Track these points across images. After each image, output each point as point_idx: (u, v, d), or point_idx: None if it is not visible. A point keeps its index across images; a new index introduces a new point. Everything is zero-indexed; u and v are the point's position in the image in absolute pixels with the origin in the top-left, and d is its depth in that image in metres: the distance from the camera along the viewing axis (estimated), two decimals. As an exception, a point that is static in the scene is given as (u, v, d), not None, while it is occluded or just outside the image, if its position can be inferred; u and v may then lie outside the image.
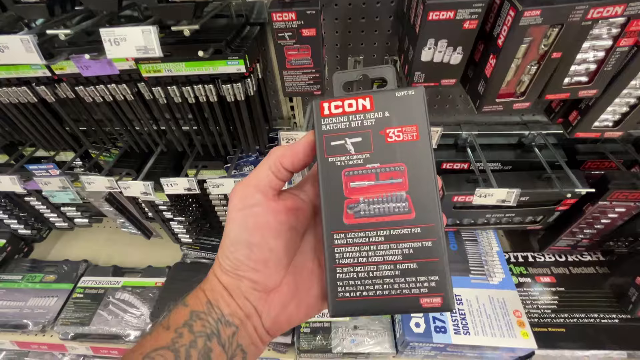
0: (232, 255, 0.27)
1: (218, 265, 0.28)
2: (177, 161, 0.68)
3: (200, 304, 0.27)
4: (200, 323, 0.26)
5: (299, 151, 0.26)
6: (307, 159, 0.27)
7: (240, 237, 0.27)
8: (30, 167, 0.60)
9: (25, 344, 0.87)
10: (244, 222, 0.27)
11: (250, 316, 0.27)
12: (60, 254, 1.02)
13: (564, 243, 0.74)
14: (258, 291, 0.28)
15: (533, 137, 0.67)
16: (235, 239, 0.27)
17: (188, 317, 0.26)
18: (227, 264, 0.27)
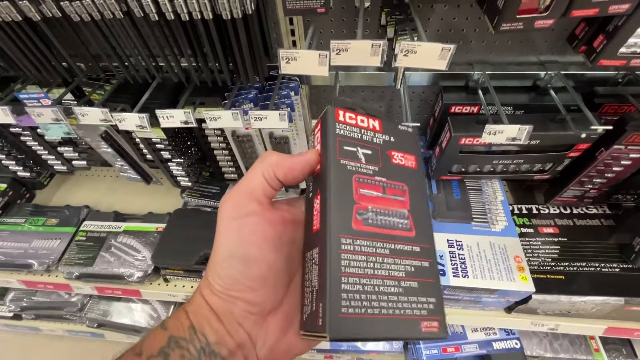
0: (225, 272, 0.23)
1: (206, 285, 0.24)
2: (174, 97, 0.65)
3: (181, 328, 0.23)
4: (179, 352, 0.22)
5: (295, 167, 0.24)
6: (301, 176, 0.25)
7: (234, 251, 0.23)
8: (21, 96, 0.57)
9: (32, 283, 0.89)
10: (239, 233, 0.23)
11: (243, 346, 0.24)
12: (62, 200, 1.02)
13: (570, 194, 0.72)
14: (254, 314, 0.24)
15: (549, 78, 0.63)
16: (229, 253, 0.23)
17: (165, 343, 0.23)
18: (218, 284, 0.23)
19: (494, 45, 0.64)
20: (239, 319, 0.24)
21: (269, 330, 0.24)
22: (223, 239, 0.24)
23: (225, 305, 0.23)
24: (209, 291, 0.24)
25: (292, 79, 0.66)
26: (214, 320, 0.23)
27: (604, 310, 0.67)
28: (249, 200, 0.24)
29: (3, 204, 0.95)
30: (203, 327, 0.23)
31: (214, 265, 0.24)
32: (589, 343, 0.89)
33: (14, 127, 0.77)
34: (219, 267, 0.23)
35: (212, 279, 0.24)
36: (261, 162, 0.25)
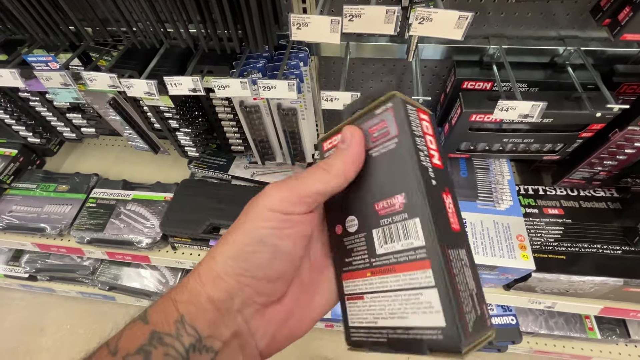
0: (247, 255, 0.21)
1: (209, 269, 0.22)
2: (181, 65, 0.64)
3: (166, 321, 0.21)
4: (163, 350, 0.20)
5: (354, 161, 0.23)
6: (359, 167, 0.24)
7: (267, 238, 0.21)
8: (30, 59, 0.57)
9: (46, 247, 0.93)
10: (279, 225, 0.22)
11: (239, 334, 0.22)
12: (71, 168, 1.04)
13: (579, 176, 0.72)
14: (257, 304, 0.23)
15: (568, 54, 0.61)
16: (259, 238, 0.21)
17: (146, 339, 0.20)
18: (230, 266, 0.21)
19: (513, 18, 0.61)
20: (240, 307, 0.22)
21: (271, 320, 0.23)
22: (256, 224, 0.22)
23: (230, 291, 0.21)
24: (213, 275, 0.22)
25: (302, 49, 0.65)
26: (210, 310, 0.21)
27: (602, 290, 0.68)
28: (300, 202, 0.22)
29: (14, 169, 0.97)
30: (196, 318, 0.21)
31: (232, 246, 0.22)
32: (584, 322, 0.91)
33: (22, 92, 0.77)
34: (241, 249, 0.21)
35: (224, 261, 0.22)
36: (326, 173, 0.23)
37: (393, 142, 0.23)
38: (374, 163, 0.24)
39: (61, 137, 0.91)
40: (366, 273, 0.23)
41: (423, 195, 0.21)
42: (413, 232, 0.21)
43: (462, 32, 0.39)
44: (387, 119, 0.23)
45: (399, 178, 0.22)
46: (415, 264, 0.20)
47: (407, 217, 0.21)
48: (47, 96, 0.74)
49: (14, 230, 0.91)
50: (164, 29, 0.57)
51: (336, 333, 1.27)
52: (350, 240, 0.24)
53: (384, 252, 0.22)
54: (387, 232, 0.22)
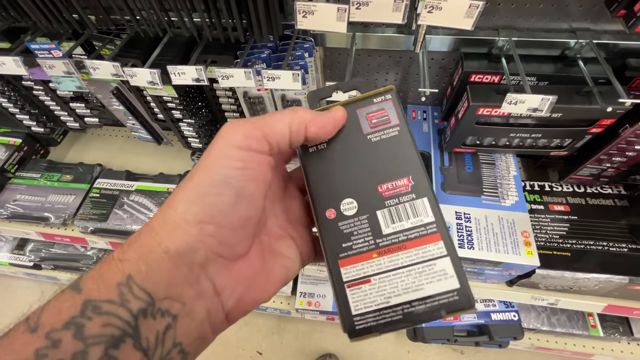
0: (210, 199, 0.19)
1: (164, 218, 0.19)
2: (184, 54, 0.63)
3: (106, 286, 0.17)
4: (100, 320, 0.16)
5: (327, 125, 0.23)
6: (329, 136, 0.24)
7: (231, 179, 0.19)
8: (32, 47, 0.57)
9: (50, 236, 0.93)
10: (243, 164, 0.20)
11: (203, 295, 0.19)
12: (75, 158, 1.04)
13: (586, 172, 0.71)
14: (223, 258, 0.20)
15: (580, 48, 0.60)
16: (223, 179, 0.19)
17: (78, 311, 0.16)
18: (192, 213, 0.19)
19: (524, 9, 0.60)
20: (204, 261, 0.19)
21: (239, 277, 0.21)
22: (219, 163, 0.20)
23: (190, 243, 0.18)
24: (170, 225, 0.19)
25: (307, 39, 0.64)
26: (166, 267, 0.18)
27: (606, 288, 0.67)
28: (263, 139, 0.21)
29: (19, 158, 0.97)
30: (147, 278, 0.17)
31: (194, 190, 0.19)
32: (587, 319, 0.91)
33: (26, 81, 0.77)
34: (203, 191, 0.19)
35: (185, 208, 0.19)
36: (293, 113, 0.22)
37: (395, 130, 0.25)
38: (373, 147, 0.25)
39: (65, 127, 0.91)
40: (372, 255, 0.23)
41: (427, 177, 0.24)
42: (422, 210, 0.23)
43: (472, 21, 0.38)
44: (387, 108, 0.26)
45: (403, 163, 0.24)
46: (427, 238, 0.23)
47: (415, 197, 0.24)
48: (50, 85, 0.74)
49: (19, 219, 0.91)
50: (167, 18, 0.57)
51: (337, 326, 1.27)
52: (348, 224, 0.24)
53: (391, 232, 0.23)
54: (394, 212, 0.24)
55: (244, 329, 1.28)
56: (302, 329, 1.29)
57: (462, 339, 0.90)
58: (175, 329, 0.18)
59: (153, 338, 0.17)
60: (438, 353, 1.21)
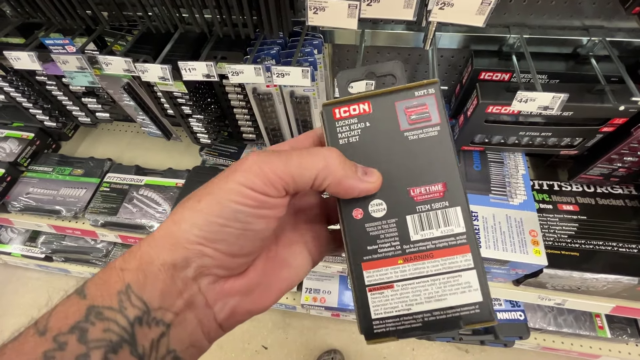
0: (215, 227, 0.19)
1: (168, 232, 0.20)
2: (195, 51, 0.64)
3: (107, 293, 0.18)
4: (102, 326, 0.17)
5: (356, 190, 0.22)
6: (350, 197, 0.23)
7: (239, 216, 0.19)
8: (47, 42, 0.58)
9: (61, 228, 0.95)
10: (255, 206, 0.20)
11: (194, 305, 0.20)
12: (86, 152, 1.06)
13: (597, 172, 0.70)
14: (218, 276, 0.21)
15: (592, 45, 0.59)
16: (232, 214, 0.19)
17: (82, 316, 0.17)
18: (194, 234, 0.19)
19: (536, 6, 0.59)
20: (196, 275, 0.20)
21: (232, 292, 0.21)
22: (231, 198, 0.19)
23: (186, 258, 0.19)
24: (172, 241, 0.19)
25: (316, 36, 0.64)
26: (162, 279, 0.19)
27: (615, 289, 0.67)
28: (282, 187, 0.20)
29: (31, 152, 0.99)
30: (144, 288, 0.18)
31: (201, 214, 0.19)
32: (594, 320, 0.90)
33: (39, 76, 0.78)
34: (209, 219, 0.19)
35: (188, 228, 0.19)
36: (324, 166, 0.21)
37: (434, 130, 0.23)
38: (410, 146, 0.23)
39: (76, 122, 0.92)
40: (397, 260, 0.23)
41: (463, 185, 0.23)
42: (454, 219, 0.22)
43: (484, 18, 0.37)
44: (428, 104, 0.23)
45: (440, 167, 0.23)
46: (455, 249, 0.22)
47: (449, 205, 0.23)
48: (63, 80, 0.75)
49: (31, 211, 0.93)
50: (179, 14, 0.57)
51: (342, 322, 1.28)
52: (375, 227, 0.23)
53: (420, 239, 0.23)
54: (424, 219, 0.23)
55: (250, 323, 1.29)
56: (308, 324, 1.30)
57: (467, 338, 0.90)
58: (168, 336, 0.19)
59: (148, 345, 0.18)
60: (443, 351, 1.21)
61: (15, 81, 0.79)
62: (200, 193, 0.20)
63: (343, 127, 0.24)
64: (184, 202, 0.21)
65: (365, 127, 0.24)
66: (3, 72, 0.75)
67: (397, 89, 0.24)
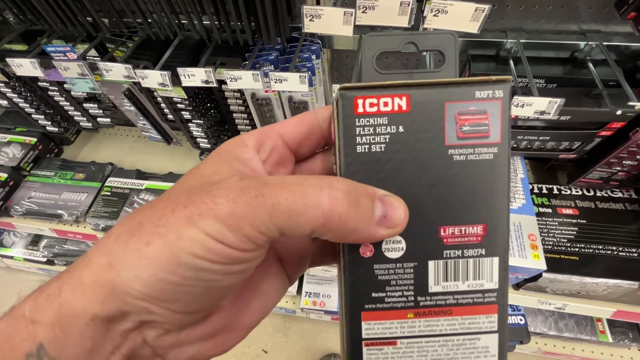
0: (167, 287, 0.14)
1: (101, 275, 0.14)
2: (194, 57, 0.65)
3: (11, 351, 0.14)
4: None
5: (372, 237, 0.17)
6: None
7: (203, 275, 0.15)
8: (49, 49, 0.59)
9: (63, 232, 0.96)
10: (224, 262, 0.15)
11: (137, 357, 0.16)
12: (88, 157, 1.07)
13: (596, 175, 0.70)
14: (169, 330, 0.16)
15: (590, 50, 0.59)
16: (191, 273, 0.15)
17: None
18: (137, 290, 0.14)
19: (532, 11, 0.60)
20: (138, 326, 0.15)
21: (188, 341, 0.17)
22: (190, 250, 0.14)
23: (125, 311, 0.15)
24: (107, 290, 0.14)
25: (314, 42, 0.64)
26: (91, 336, 0.14)
27: (615, 293, 0.66)
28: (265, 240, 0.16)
29: (34, 157, 1.00)
30: (64, 347, 0.14)
31: (149, 266, 0.14)
32: (595, 325, 0.90)
33: (42, 82, 0.79)
34: (158, 275, 0.14)
35: (130, 279, 0.14)
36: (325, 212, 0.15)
37: (490, 151, 0.17)
38: (452, 169, 0.17)
39: (78, 127, 0.93)
40: (406, 314, 0.18)
41: (508, 230, 0.18)
42: (487, 273, 0.18)
43: (478, 25, 0.38)
44: (491, 112, 0.17)
45: (485, 203, 0.17)
46: (480, 308, 0.18)
47: (484, 254, 0.18)
48: (65, 86, 0.76)
49: (33, 215, 0.94)
50: (178, 21, 0.58)
51: (342, 326, 1.28)
52: (387, 270, 0.18)
53: (440, 291, 0.18)
54: (451, 268, 0.18)
55: (250, 327, 1.29)
56: (308, 328, 1.30)
57: (467, 342, 0.90)
58: None
59: None
60: None
61: (18, 87, 0.80)
62: (149, 231, 0.14)
63: (366, 129, 0.17)
64: (122, 233, 0.15)
65: (397, 133, 0.17)
66: (6, 78, 0.76)
67: (452, 81, 0.17)
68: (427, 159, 0.17)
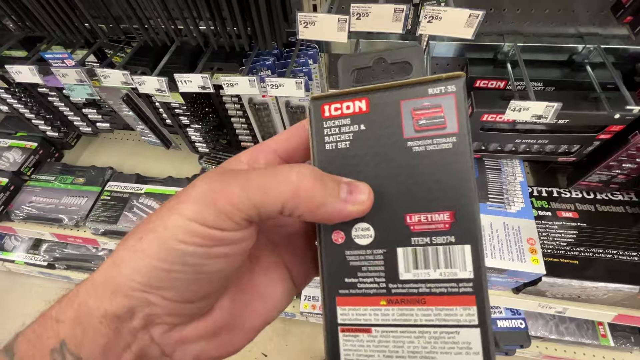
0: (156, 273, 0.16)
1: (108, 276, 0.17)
2: (192, 62, 0.65)
3: (40, 351, 0.16)
4: None
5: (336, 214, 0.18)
6: None
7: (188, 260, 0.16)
8: (47, 56, 0.59)
9: (63, 237, 0.96)
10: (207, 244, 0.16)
11: (146, 357, 0.17)
12: (88, 161, 1.07)
13: (596, 178, 0.69)
14: (172, 324, 0.18)
15: (588, 53, 0.59)
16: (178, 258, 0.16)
17: None
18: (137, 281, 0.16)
19: (530, 14, 0.59)
20: (145, 324, 0.17)
21: (192, 339, 0.18)
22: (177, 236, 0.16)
23: (130, 308, 0.16)
24: (112, 287, 0.16)
25: (311, 46, 0.64)
26: (104, 333, 0.16)
27: (616, 297, 0.66)
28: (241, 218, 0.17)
29: (34, 161, 1.01)
30: (82, 344, 0.16)
31: (143, 258, 0.16)
32: (597, 328, 0.89)
33: (41, 88, 0.79)
34: (151, 263, 0.16)
35: (129, 273, 0.16)
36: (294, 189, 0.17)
37: (449, 141, 0.18)
38: (413, 160, 0.18)
39: (78, 131, 0.94)
40: (379, 301, 0.19)
41: (478, 217, 0.18)
42: (459, 261, 0.18)
43: (472, 31, 0.38)
44: (445, 106, 0.18)
45: (450, 189, 0.18)
46: (456, 298, 0.18)
47: (454, 242, 0.18)
48: (64, 92, 0.76)
49: (34, 220, 0.94)
50: (174, 26, 0.58)
51: (342, 329, 1.27)
52: (357, 255, 0.19)
53: (411, 279, 0.18)
54: (420, 255, 0.18)
55: (250, 330, 1.28)
56: (307, 331, 1.29)
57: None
58: None
59: None
60: None
61: (18, 93, 0.81)
62: (143, 228, 0.17)
63: (332, 129, 0.19)
64: (126, 238, 0.17)
65: (359, 131, 0.19)
66: (6, 84, 0.77)
67: (404, 83, 0.19)
68: (389, 152, 0.19)
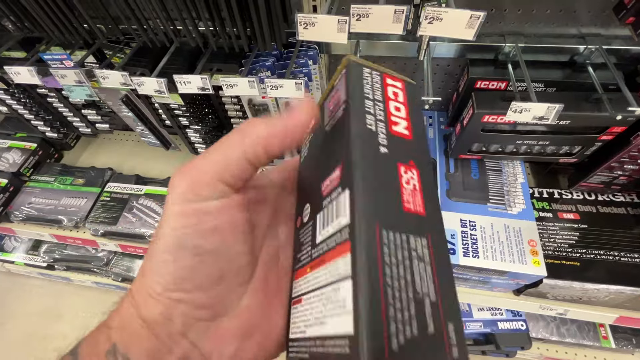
0: (166, 268, 0.18)
1: (141, 288, 0.18)
2: (191, 63, 0.64)
3: (97, 353, 0.18)
4: None
5: (291, 133, 0.19)
6: (299, 144, 0.19)
7: (184, 241, 0.18)
8: (45, 57, 0.59)
9: (62, 238, 0.96)
10: (197, 219, 0.18)
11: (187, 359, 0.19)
12: (87, 162, 1.07)
13: (597, 179, 0.69)
14: (202, 320, 0.19)
15: (589, 53, 0.58)
16: (176, 243, 0.17)
17: None
18: (157, 283, 0.18)
19: (531, 15, 0.59)
20: (182, 327, 0.18)
21: (226, 337, 0.19)
22: (169, 225, 0.18)
23: (164, 312, 0.18)
24: (144, 295, 0.18)
25: (311, 47, 0.64)
26: (146, 337, 0.18)
27: (617, 299, 0.65)
28: (215, 181, 0.18)
29: (34, 162, 1.00)
30: (129, 346, 0.18)
31: (153, 258, 0.18)
32: (598, 330, 0.88)
33: (40, 89, 0.79)
34: (159, 260, 0.18)
35: (150, 278, 0.18)
36: (243, 135, 0.18)
37: (341, 110, 0.19)
38: (327, 137, 0.20)
39: (77, 132, 0.93)
40: (307, 269, 0.19)
41: (358, 161, 0.16)
42: (342, 208, 0.16)
43: (473, 32, 0.37)
44: (340, 87, 0.20)
45: (339, 148, 0.18)
46: (339, 249, 0.16)
47: (340, 191, 0.17)
48: (63, 93, 0.76)
49: (33, 221, 0.94)
50: (173, 27, 0.58)
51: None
52: (302, 232, 0.21)
53: (321, 240, 0.18)
54: (326, 214, 0.18)
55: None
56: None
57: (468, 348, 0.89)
58: None
59: None
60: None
61: (17, 94, 0.80)
62: (156, 232, 0.19)
63: None
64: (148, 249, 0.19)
65: (314, 135, 0.23)
66: (5, 85, 0.76)
67: (327, 90, 0.23)
68: (318, 141, 0.22)
